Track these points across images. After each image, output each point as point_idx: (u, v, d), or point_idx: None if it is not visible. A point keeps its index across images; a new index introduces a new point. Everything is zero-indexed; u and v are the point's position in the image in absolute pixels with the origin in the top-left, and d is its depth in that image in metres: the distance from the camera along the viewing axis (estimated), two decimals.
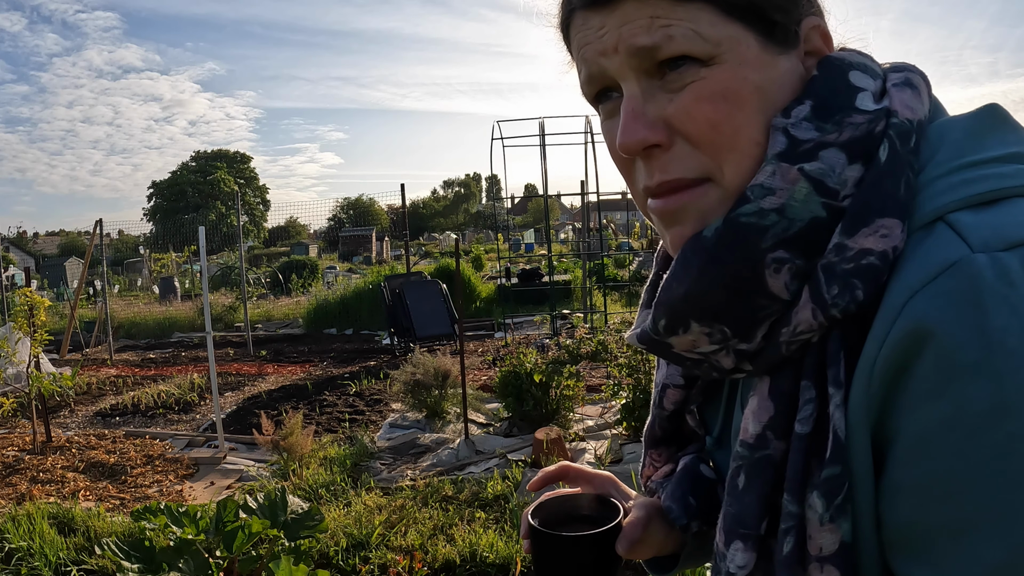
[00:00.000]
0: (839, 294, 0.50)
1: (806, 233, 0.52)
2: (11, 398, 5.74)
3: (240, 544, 2.33)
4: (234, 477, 4.89)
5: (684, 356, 0.60)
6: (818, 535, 0.53)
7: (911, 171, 0.52)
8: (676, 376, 0.73)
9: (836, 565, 0.53)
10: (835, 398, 0.51)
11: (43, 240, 61.40)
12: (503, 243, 20.69)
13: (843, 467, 0.51)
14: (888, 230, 0.50)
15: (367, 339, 11.40)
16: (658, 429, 0.78)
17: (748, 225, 0.52)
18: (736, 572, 0.59)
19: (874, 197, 0.51)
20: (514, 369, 5.33)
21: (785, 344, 0.54)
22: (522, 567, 3.24)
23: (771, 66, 0.55)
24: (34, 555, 3.46)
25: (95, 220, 11.57)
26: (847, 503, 0.52)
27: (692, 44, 0.53)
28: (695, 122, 0.55)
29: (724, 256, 0.53)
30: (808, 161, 0.52)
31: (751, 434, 0.57)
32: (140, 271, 27.58)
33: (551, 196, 12.44)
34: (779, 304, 0.53)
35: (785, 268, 0.52)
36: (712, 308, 0.55)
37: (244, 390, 7.86)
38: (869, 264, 0.49)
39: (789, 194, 0.52)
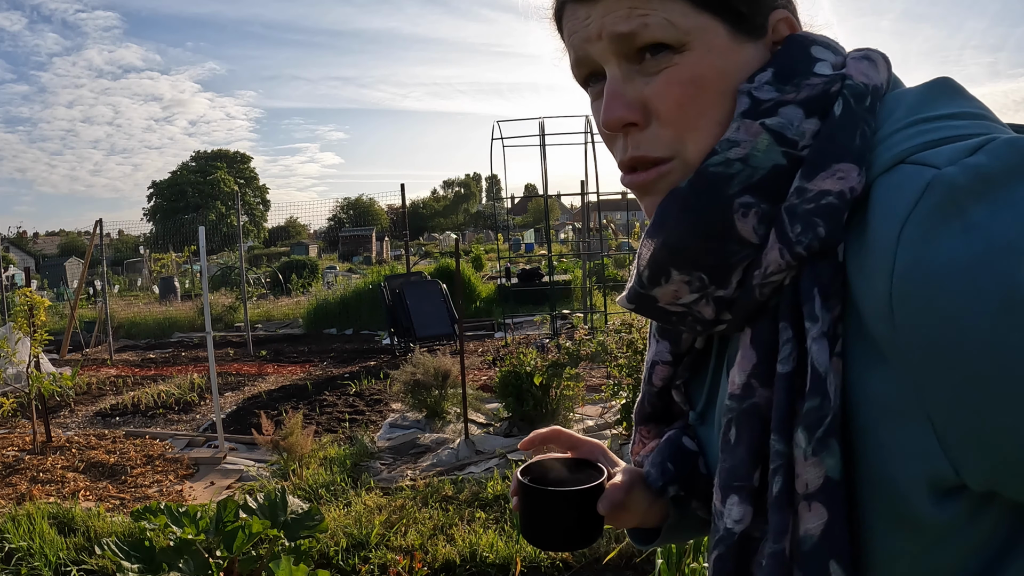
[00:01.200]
0: (802, 232, 0.54)
1: (769, 179, 0.57)
2: (11, 398, 5.74)
3: (240, 544, 2.33)
4: (234, 477, 4.89)
5: (668, 310, 0.63)
6: (803, 471, 0.55)
7: (866, 126, 0.56)
8: (664, 352, 0.77)
9: (822, 502, 0.55)
10: (812, 331, 0.54)
11: (43, 240, 61.41)
12: (503, 243, 20.69)
13: (822, 399, 0.54)
14: (844, 173, 0.54)
15: (367, 339, 11.40)
16: (648, 405, 0.81)
17: (716, 174, 0.58)
18: (733, 527, 0.61)
19: (830, 145, 0.55)
20: (514, 369, 5.33)
21: (758, 288, 0.58)
22: (522, 567, 3.24)
23: (737, 53, 0.61)
24: (34, 555, 3.46)
25: (95, 220, 11.58)
26: (829, 437, 0.54)
27: (665, 32, 0.60)
28: (665, 103, 0.61)
29: (696, 203, 0.58)
30: (769, 117, 0.58)
31: (737, 385, 0.60)
32: (140, 271, 27.57)
33: (551, 196, 12.44)
34: (749, 248, 0.58)
35: (752, 212, 0.57)
36: (689, 255, 0.59)
37: (244, 390, 7.86)
38: (828, 203, 0.54)
39: (752, 145, 0.57)
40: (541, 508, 0.75)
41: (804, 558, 0.56)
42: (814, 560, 0.56)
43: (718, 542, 0.63)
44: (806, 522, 0.56)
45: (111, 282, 20.34)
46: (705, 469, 0.77)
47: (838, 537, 0.55)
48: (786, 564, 0.57)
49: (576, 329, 7.52)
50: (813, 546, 0.56)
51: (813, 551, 0.56)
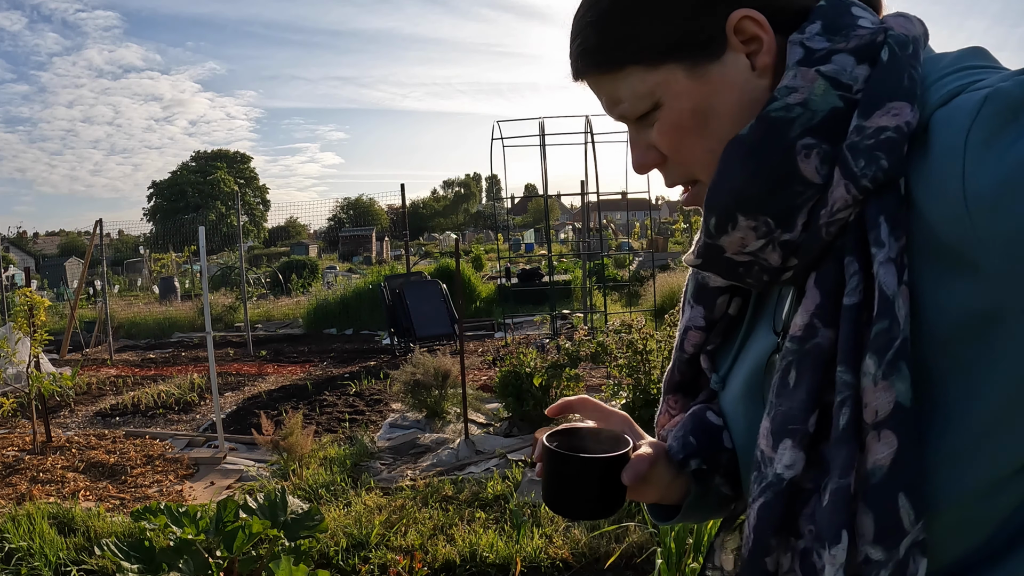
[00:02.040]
0: (866, 165, 0.57)
1: (828, 121, 0.60)
2: (11, 398, 5.74)
3: (240, 544, 2.33)
4: (234, 477, 4.89)
5: (735, 261, 0.66)
6: (872, 398, 0.56)
7: (912, 70, 0.59)
8: (698, 318, 0.79)
9: (892, 429, 0.55)
10: (879, 256, 0.56)
11: (43, 240, 61.40)
12: (503, 243, 20.68)
13: (891, 322, 0.55)
14: (898, 110, 0.57)
15: (367, 339, 11.40)
16: (677, 373, 0.83)
17: (777, 118, 0.61)
18: (783, 472, 0.61)
19: (882, 86, 0.59)
20: (514, 369, 5.33)
21: (825, 227, 0.60)
22: (522, 567, 3.24)
23: (702, 86, 0.66)
24: (34, 555, 3.46)
25: (95, 220, 11.57)
26: (900, 360, 0.55)
27: (638, 105, 0.68)
28: (665, 148, 0.70)
29: (760, 147, 0.61)
30: (823, 64, 0.61)
31: (800, 326, 0.62)
32: (140, 271, 27.57)
33: (551, 196, 12.44)
34: (813, 189, 0.61)
35: (814, 153, 0.60)
36: (755, 199, 0.62)
37: (244, 390, 7.86)
38: (887, 137, 0.57)
39: (809, 90, 0.61)
40: (565, 474, 0.74)
41: (871, 492, 0.56)
42: (882, 493, 0.55)
43: (765, 488, 0.63)
44: (874, 453, 0.56)
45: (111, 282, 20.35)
46: (730, 443, 0.77)
47: (908, 467, 0.55)
48: (850, 500, 0.56)
49: (576, 329, 7.52)
50: (882, 478, 0.55)
51: (881, 484, 0.55)
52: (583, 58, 0.71)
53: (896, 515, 0.55)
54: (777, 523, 0.62)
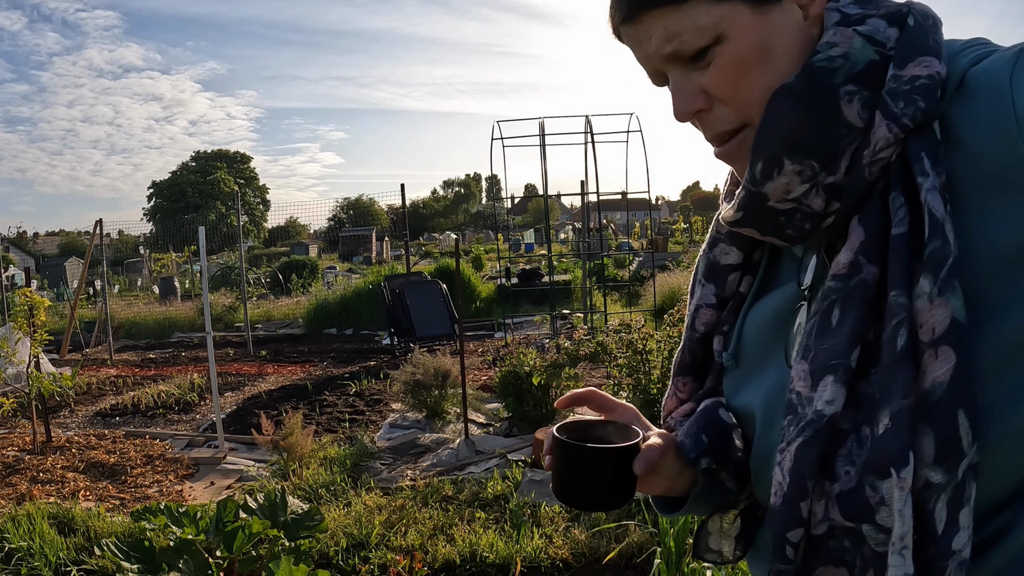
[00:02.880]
0: (906, 107, 0.62)
1: (867, 71, 0.65)
2: (11, 398, 5.74)
3: (240, 544, 2.33)
4: (234, 477, 4.89)
5: (777, 209, 0.69)
6: (928, 316, 0.58)
7: (935, 34, 0.66)
8: (710, 295, 0.81)
9: (951, 344, 0.57)
10: (925, 185, 0.60)
11: (43, 240, 61.39)
12: (503, 243, 20.69)
13: (943, 241, 0.58)
14: (928, 63, 0.63)
15: (367, 339, 11.40)
16: (688, 354, 0.84)
17: (822, 68, 0.65)
18: (824, 408, 0.62)
19: (912, 44, 0.65)
20: (514, 369, 5.33)
21: (867, 167, 0.64)
22: (522, 567, 3.24)
23: (766, 22, 0.68)
24: (34, 555, 3.46)
25: (95, 220, 11.57)
26: (953, 277, 0.57)
27: (699, 38, 0.68)
28: (721, 88, 0.70)
29: (806, 94, 0.65)
30: (859, 25, 0.67)
31: (844, 263, 0.65)
32: (140, 271, 27.56)
33: (551, 196, 12.44)
34: (856, 132, 0.65)
35: (856, 98, 0.64)
36: (801, 142, 0.65)
37: (244, 390, 7.86)
38: (922, 84, 0.63)
39: (849, 45, 0.66)
40: (576, 465, 0.74)
41: (932, 409, 0.57)
42: (943, 411, 0.56)
43: (804, 427, 0.63)
44: (934, 371, 0.57)
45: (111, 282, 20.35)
46: (740, 442, 0.78)
47: (967, 383, 0.56)
48: (911, 421, 0.57)
49: (576, 329, 7.51)
50: (942, 395, 0.56)
51: (942, 400, 0.56)
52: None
53: (956, 434, 0.56)
54: (817, 463, 0.62)
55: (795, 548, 0.64)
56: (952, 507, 0.57)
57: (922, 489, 0.57)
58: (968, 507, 0.57)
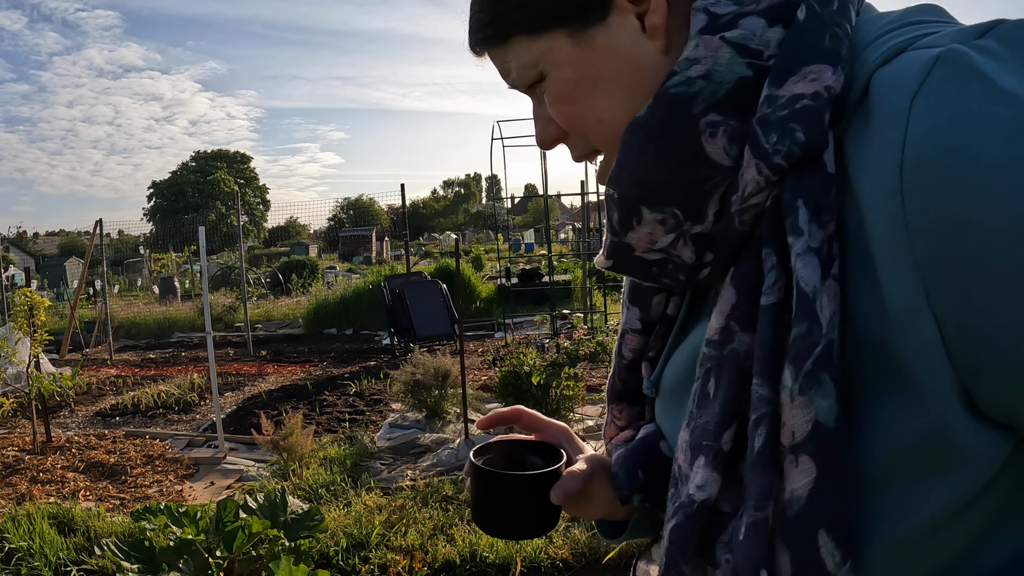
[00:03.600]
0: (779, 140, 0.49)
1: (735, 93, 0.52)
2: (11, 398, 5.74)
3: (240, 544, 2.33)
4: (234, 477, 4.89)
5: (647, 260, 0.58)
6: (789, 416, 0.47)
7: (837, 27, 0.51)
8: (634, 320, 0.71)
9: (810, 454, 0.46)
10: (796, 247, 0.48)
11: (43, 240, 61.41)
12: (503, 243, 20.68)
13: (811, 325, 0.47)
14: (817, 74, 0.49)
15: (367, 339, 11.40)
16: (618, 381, 0.75)
17: (677, 95, 0.53)
18: (695, 493, 0.54)
19: (797, 49, 0.51)
20: (514, 369, 5.33)
21: (738, 215, 0.52)
22: (522, 567, 3.24)
23: (587, 52, 0.60)
24: (34, 555, 3.46)
25: (95, 220, 11.57)
26: (820, 371, 0.46)
27: (525, 74, 0.63)
28: (560, 120, 0.64)
29: (659, 128, 0.54)
30: (729, 30, 0.53)
31: (715, 329, 0.54)
32: (140, 271, 27.57)
33: (551, 196, 12.44)
34: (722, 172, 0.53)
35: (720, 131, 0.52)
36: (658, 188, 0.54)
37: (244, 390, 7.86)
38: (804, 106, 0.49)
39: (713, 60, 0.53)
40: (491, 492, 0.70)
41: (788, 526, 0.48)
42: (800, 529, 0.47)
43: (678, 509, 0.56)
44: (792, 481, 0.47)
45: (111, 282, 20.35)
46: None
47: (830, 500, 0.46)
48: (768, 535, 0.49)
49: (576, 329, 7.52)
50: (800, 510, 0.47)
51: (799, 517, 0.47)
52: (474, 32, 0.66)
53: (816, 555, 0.47)
54: (689, 548, 0.55)
55: None
56: None
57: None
58: None
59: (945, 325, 0.43)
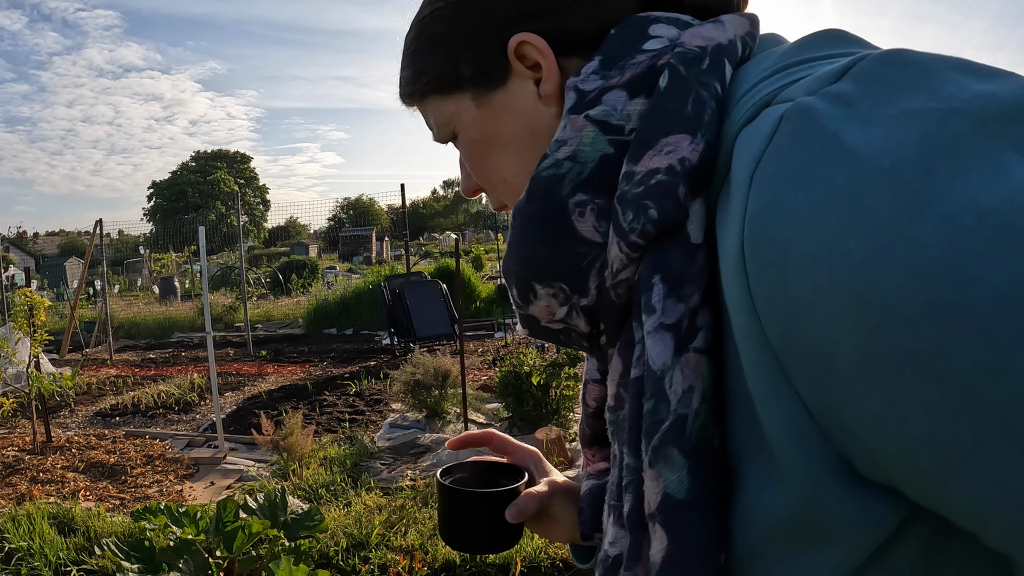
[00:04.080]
0: (634, 219, 0.49)
1: (599, 171, 0.53)
2: (11, 398, 5.74)
3: (240, 544, 2.33)
4: (234, 477, 4.89)
5: (552, 328, 0.60)
6: (647, 487, 0.49)
7: (703, 89, 0.50)
8: (593, 371, 0.71)
9: (662, 524, 0.48)
10: (647, 325, 0.49)
11: (43, 240, 61.43)
12: (503, 243, 20.69)
13: (657, 402, 0.48)
14: (673, 145, 0.48)
15: (367, 339, 11.41)
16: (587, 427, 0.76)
17: (547, 177, 0.55)
18: (608, 549, 0.56)
19: (655, 120, 0.50)
20: (514, 369, 5.34)
21: (612, 290, 0.53)
22: (522, 567, 3.24)
23: (488, 115, 0.63)
24: (34, 555, 3.46)
25: (95, 220, 11.58)
26: (668, 447, 0.47)
27: (442, 131, 0.67)
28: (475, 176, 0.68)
29: (534, 211, 0.55)
30: (592, 107, 0.54)
31: (611, 395, 0.56)
32: (140, 271, 27.59)
33: None
34: (596, 248, 0.53)
35: (588, 209, 0.53)
36: (543, 266, 0.56)
37: (244, 390, 7.86)
38: (658, 182, 0.48)
39: (578, 140, 0.54)
40: (453, 508, 0.76)
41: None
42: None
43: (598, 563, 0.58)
44: (651, 547, 0.49)
45: (111, 282, 20.36)
46: None
47: (681, 568, 0.48)
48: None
49: None
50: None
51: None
52: (400, 87, 0.70)
53: None
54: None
55: None
56: None
57: None
58: None
59: (809, 402, 0.42)
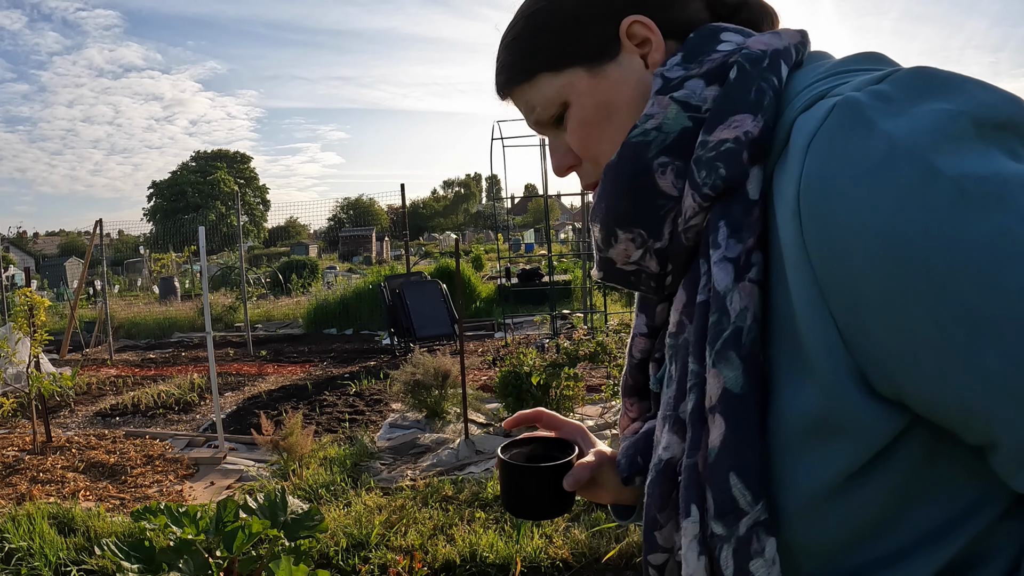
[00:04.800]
0: (706, 176, 0.63)
1: (679, 141, 0.66)
2: (11, 398, 5.74)
3: (240, 544, 2.33)
4: (234, 477, 4.89)
5: (626, 271, 0.73)
6: (709, 384, 0.61)
7: (763, 82, 0.63)
8: (642, 325, 0.84)
9: (721, 413, 0.60)
10: (714, 256, 0.62)
11: (43, 240, 61.40)
12: (503, 243, 20.68)
13: (721, 315, 0.60)
14: (739, 122, 0.62)
15: (367, 339, 11.40)
16: (630, 378, 0.88)
17: (637, 143, 0.68)
18: (662, 454, 0.68)
19: (726, 103, 0.64)
20: (514, 369, 5.34)
21: (683, 234, 0.67)
22: (522, 567, 3.24)
23: (603, 83, 0.73)
24: (34, 555, 3.46)
25: (95, 220, 11.57)
26: (728, 350, 0.60)
27: (549, 109, 0.76)
28: (577, 148, 0.77)
29: (624, 169, 0.69)
30: (676, 91, 0.68)
31: (673, 323, 0.69)
32: (140, 271, 27.57)
33: (551, 196, 12.43)
34: (672, 201, 0.67)
35: (668, 169, 0.67)
36: (627, 214, 0.69)
37: (244, 390, 7.86)
38: (727, 148, 0.62)
39: (664, 115, 0.67)
40: (515, 482, 0.85)
41: (709, 470, 0.61)
42: (717, 472, 0.60)
43: (652, 468, 0.70)
44: (711, 435, 0.61)
45: (111, 282, 20.36)
46: None
47: (737, 449, 0.59)
48: (698, 478, 0.63)
49: (576, 329, 7.52)
50: (715, 458, 0.60)
51: (715, 463, 0.61)
52: (501, 74, 0.80)
53: (729, 494, 0.60)
54: (660, 500, 0.68)
55: (658, 569, 0.71)
56: (739, 556, 0.60)
57: (709, 539, 0.62)
58: (762, 559, 0.60)
59: (840, 323, 0.55)
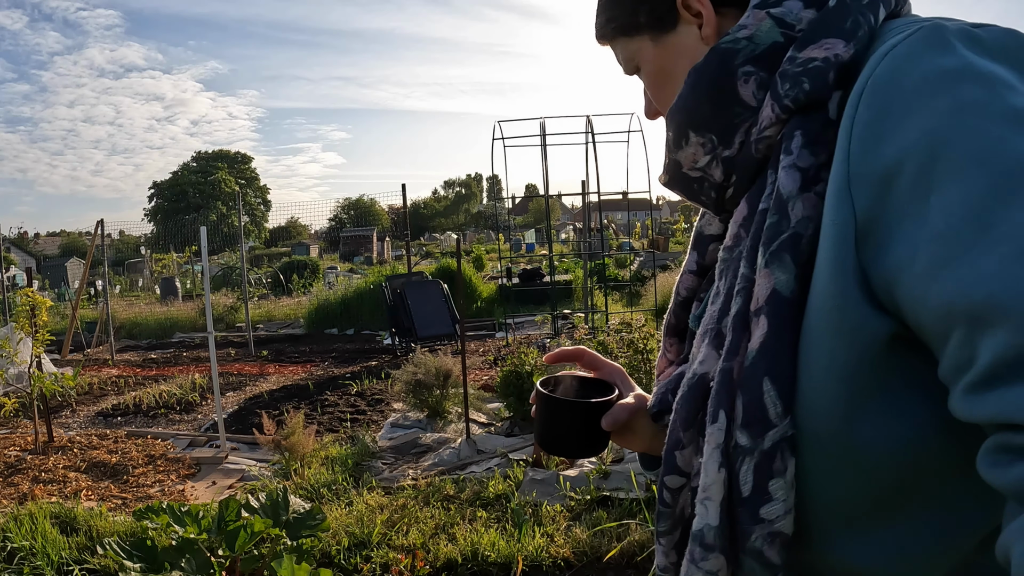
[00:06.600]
0: (790, 88, 0.63)
1: (768, 53, 0.67)
2: (13, 398, 5.75)
3: (242, 543, 2.33)
4: (236, 477, 4.89)
5: (690, 176, 0.74)
6: (757, 285, 0.61)
7: (860, 15, 0.64)
8: (692, 263, 0.85)
9: (766, 314, 0.59)
10: (783, 162, 0.62)
11: (44, 240, 61.40)
12: (504, 243, 20.68)
13: (781, 217, 0.60)
14: (831, 45, 0.63)
15: (368, 339, 11.41)
16: (672, 316, 0.88)
17: (725, 49, 0.69)
18: (697, 368, 0.68)
19: (821, 26, 0.64)
20: (515, 369, 5.34)
21: (755, 143, 0.67)
22: (523, 566, 3.24)
23: (664, 51, 0.78)
24: (36, 555, 3.46)
25: (96, 220, 11.58)
26: (783, 252, 0.59)
27: (628, 65, 0.83)
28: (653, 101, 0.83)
29: (708, 71, 0.69)
30: (774, 7, 0.68)
31: (730, 235, 0.69)
32: (141, 271, 27.57)
33: (552, 196, 12.44)
34: (749, 110, 0.68)
35: (752, 79, 0.67)
36: (702, 117, 0.70)
37: (246, 390, 7.87)
38: (814, 66, 0.62)
39: (757, 27, 0.68)
40: (553, 416, 0.84)
41: (744, 374, 0.60)
42: (752, 375, 0.59)
43: (684, 382, 0.69)
44: (752, 338, 0.60)
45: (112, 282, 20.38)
46: None
47: (775, 354, 0.58)
48: (732, 381, 0.62)
49: (577, 329, 7.52)
50: (752, 361, 0.59)
51: (751, 366, 0.59)
52: (597, 31, 0.85)
53: (761, 401, 0.58)
54: (687, 417, 0.67)
55: (673, 493, 0.70)
56: (759, 473, 0.59)
57: (732, 449, 0.61)
58: (782, 480, 0.59)
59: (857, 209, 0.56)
